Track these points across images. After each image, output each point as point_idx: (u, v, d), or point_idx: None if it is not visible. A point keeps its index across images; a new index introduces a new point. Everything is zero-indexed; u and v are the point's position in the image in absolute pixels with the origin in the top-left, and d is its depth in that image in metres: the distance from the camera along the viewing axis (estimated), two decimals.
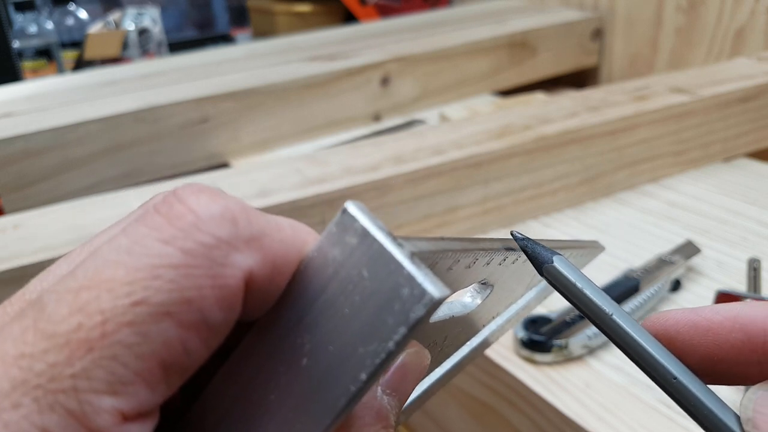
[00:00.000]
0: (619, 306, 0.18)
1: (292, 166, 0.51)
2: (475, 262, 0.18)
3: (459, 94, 0.87)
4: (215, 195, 0.15)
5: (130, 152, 0.68)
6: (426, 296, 0.13)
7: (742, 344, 0.18)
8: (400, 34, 0.93)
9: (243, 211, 0.15)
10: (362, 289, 0.14)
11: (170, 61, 0.90)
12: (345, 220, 0.14)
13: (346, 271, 0.14)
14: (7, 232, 0.43)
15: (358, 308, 0.14)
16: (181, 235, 0.14)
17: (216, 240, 0.14)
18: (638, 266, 0.47)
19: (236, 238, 0.14)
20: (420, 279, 0.13)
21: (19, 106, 0.71)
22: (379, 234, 0.14)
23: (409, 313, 0.13)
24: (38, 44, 1.60)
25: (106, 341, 0.13)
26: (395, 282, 0.14)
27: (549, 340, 0.40)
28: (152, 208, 0.15)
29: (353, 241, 0.14)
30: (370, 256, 0.14)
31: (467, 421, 0.45)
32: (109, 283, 0.14)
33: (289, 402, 0.15)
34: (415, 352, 0.18)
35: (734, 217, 0.57)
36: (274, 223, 0.15)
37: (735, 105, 0.65)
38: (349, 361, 0.14)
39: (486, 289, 0.21)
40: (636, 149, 0.61)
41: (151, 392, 0.14)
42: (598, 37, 0.97)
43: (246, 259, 0.14)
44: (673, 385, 0.17)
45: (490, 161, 0.53)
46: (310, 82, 0.76)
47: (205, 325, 0.14)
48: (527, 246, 0.19)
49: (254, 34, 1.61)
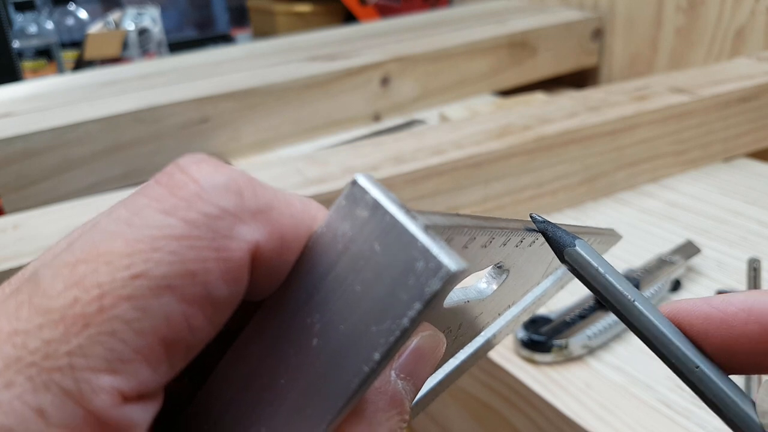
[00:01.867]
0: (640, 293, 0.18)
1: (292, 166, 0.51)
2: (492, 241, 0.17)
3: (459, 94, 0.87)
4: (219, 165, 0.14)
5: (130, 152, 0.68)
6: (443, 269, 0.13)
7: (758, 336, 0.17)
8: (400, 34, 0.93)
9: (249, 183, 0.14)
10: (374, 265, 0.13)
11: (170, 61, 0.90)
12: (355, 192, 0.14)
13: (357, 246, 0.14)
14: (7, 232, 0.43)
15: (370, 285, 0.13)
16: (183, 204, 0.13)
17: (220, 210, 0.13)
18: (638, 266, 0.47)
19: (242, 209, 0.14)
20: (435, 251, 0.13)
21: (19, 106, 0.71)
22: (391, 206, 0.13)
23: (424, 287, 0.13)
24: (38, 44, 1.60)
25: (103, 316, 0.12)
26: (409, 255, 0.13)
27: (549, 340, 0.40)
28: (153, 180, 0.14)
29: (364, 214, 0.14)
30: (382, 229, 0.13)
31: (467, 421, 0.45)
32: (107, 255, 0.13)
33: (300, 385, 0.14)
34: (430, 335, 0.17)
35: (734, 217, 0.57)
36: (282, 196, 0.15)
37: (735, 105, 0.65)
38: (361, 340, 0.13)
39: (502, 274, 0.20)
40: (636, 149, 0.61)
41: (153, 372, 0.13)
42: (598, 37, 0.97)
43: (252, 232, 0.14)
44: (695, 374, 0.17)
45: (490, 161, 0.53)
46: (310, 82, 0.76)
47: (209, 300, 0.13)
48: (548, 229, 0.19)
49: (254, 34, 1.61)
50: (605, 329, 0.41)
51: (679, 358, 0.17)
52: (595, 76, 1.00)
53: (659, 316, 0.18)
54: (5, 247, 0.41)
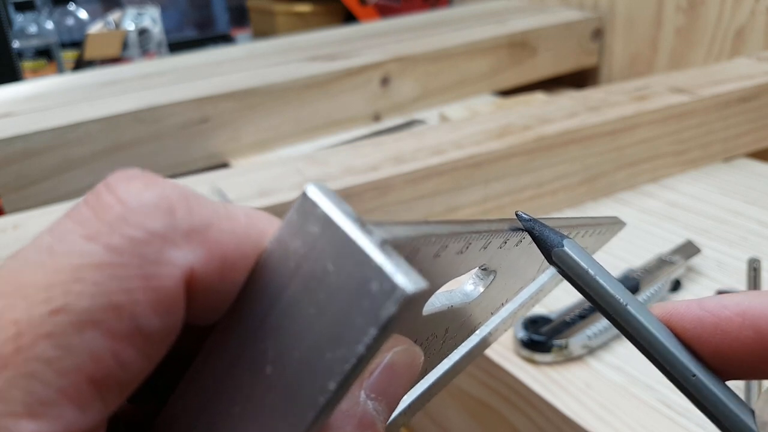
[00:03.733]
0: (634, 296, 0.17)
1: (292, 166, 0.51)
2: (468, 246, 0.16)
3: (459, 94, 0.87)
4: (150, 181, 0.13)
5: (130, 152, 0.68)
6: (397, 291, 0.11)
7: (753, 341, 0.16)
8: (400, 34, 0.93)
9: (183, 199, 0.13)
10: (328, 285, 0.12)
11: (170, 61, 0.90)
12: (305, 205, 0.13)
13: (310, 265, 0.12)
14: (7, 232, 0.43)
15: (325, 307, 0.12)
16: (106, 229, 0.12)
17: (147, 234, 0.12)
18: (638, 266, 0.47)
19: (173, 230, 0.12)
20: (390, 271, 0.11)
21: (19, 106, 0.71)
22: (343, 220, 0.12)
23: (379, 311, 0.12)
24: (38, 44, 1.60)
25: (21, 357, 0.11)
26: (363, 275, 0.12)
27: (549, 340, 0.40)
28: (82, 200, 0.13)
29: (315, 229, 0.12)
30: (334, 246, 0.12)
31: (467, 421, 0.45)
32: (25, 288, 0.12)
33: (254, 415, 0.13)
34: (404, 350, 0.16)
35: (734, 217, 0.57)
36: (223, 211, 0.13)
37: (735, 105, 0.65)
38: (316, 368, 0.12)
39: (489, 275, 0.19)
40: (636, 149, 0.61)
41: (81, 413, 0.12)
42: (598, 37, 0.97)
43: (185, 255, 0.12)
44: (691, 382, 0.16)
45: (490, 161, 0.53)
46: (310, 82, 0.76)
47: (139, 334, 0.12)
48: (534, 228, 0.18)
49: (254, 34, 1.61)
50: (605, 329, 0.41)
51: (674, 366, 0.16)
52: (595, 76, 1.00)
53: (653, 320, 0.17)
54: (5, 247, 0.41)
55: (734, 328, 0.17)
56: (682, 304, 0.17)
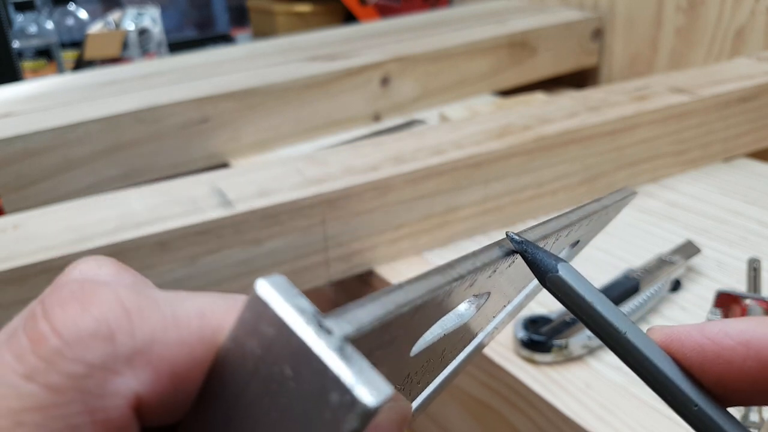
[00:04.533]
0: (633, 323, 0.16)
1: (292, 166, 0.51)
2: (451, 294, 0.15)
3: (459, 94, 0.87)
4: (87, 302, 0.12)
5: (130, 152, 0.68)
6: (357, 406, 0.10)
7: (756, 372, 0.16)
8: (400, 34, 0.93)
9: (124, 317, 0.12)
10: (288, 390, 0.11)
11: (170, 61, 0.90)
12: (256, 305, 0.11)
13: (267, 368, 0.12)
14: (7, 232, 0.43)
15: (286, 413, 0.11)
16: (43, 367, 0.11)
17: (87, 367, 0.12)
18: (638, 266, 0.47)
19: (113, 359, 0.12)
20: (348, 383, 0.10)
21: (19, 106, 0.71)
22: (297, 321, 0.11)
23: (341, 424, 0.11)
24: (38, 44, 1.60)
25: None
26: (322, 385, 0.11)
27: (549, 340, 0.40)
28: (21, 325, 0.12)
29: (270, 331, 0.11)
30: (290, 351, 0.11)
31: (467, 421, 0.45)
32: None
33: None
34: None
35: (734, 217, 0.57)
36: (170, 318, 0.13)
37: (735, 105, 0.65)
38: None
39: (482, 298, 0.18)
40: (636, 149, 0.61)
41: None
42: (598, 37, 0.97)
43: (128, 383, 0.12)
44: (693, 413, 0.16)
45: (490, 161, 0.53)
46: (310, 82, 0.76)
47: None
48: (527, 251, 0.17)
49: (254, 34, 1.61)
50: None
51: (675, 396, 0.16)
52: (595, 76, 1.00)
53: (652, 347, 0.16)
54: (5, 247, 0.41)
55: (738, 359, 0.16)
56: (683, 330, 0.17)
